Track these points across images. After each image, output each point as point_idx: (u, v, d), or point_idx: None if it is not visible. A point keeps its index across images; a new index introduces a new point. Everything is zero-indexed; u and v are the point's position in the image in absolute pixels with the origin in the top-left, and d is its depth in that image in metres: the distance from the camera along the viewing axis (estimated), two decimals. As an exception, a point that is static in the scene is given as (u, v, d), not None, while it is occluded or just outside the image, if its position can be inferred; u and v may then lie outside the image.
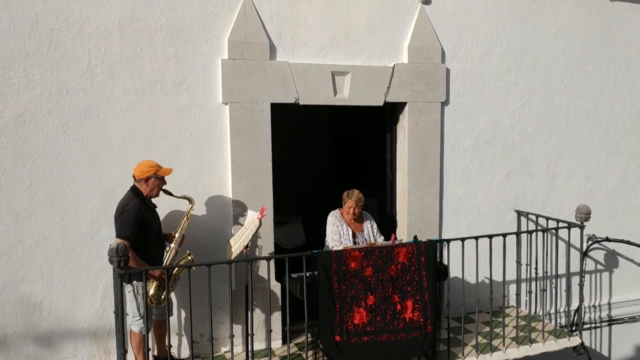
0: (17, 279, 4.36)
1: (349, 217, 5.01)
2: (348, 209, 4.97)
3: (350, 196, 4.97)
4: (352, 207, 4.95)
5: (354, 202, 4.94)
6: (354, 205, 4.94)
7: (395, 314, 4.25)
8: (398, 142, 5.55)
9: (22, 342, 4.39)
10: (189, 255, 4.38)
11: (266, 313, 4.83)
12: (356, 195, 4.96)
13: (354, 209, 4.95)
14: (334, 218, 5.03)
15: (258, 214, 4.37)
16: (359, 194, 4.99)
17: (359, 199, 4.96)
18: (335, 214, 5.06)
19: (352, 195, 4.97)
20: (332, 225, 4.99)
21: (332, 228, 4.98)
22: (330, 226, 4.99)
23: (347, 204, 4.98)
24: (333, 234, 4.95)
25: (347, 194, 5.02)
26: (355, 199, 4.94)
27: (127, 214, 4.08)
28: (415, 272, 4.31)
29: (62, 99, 4.35)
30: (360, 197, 4.96)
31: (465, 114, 5.66)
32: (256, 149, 4.84)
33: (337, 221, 5.00)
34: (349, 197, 4.99)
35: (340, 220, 5.01)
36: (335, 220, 5.01)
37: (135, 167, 4.29)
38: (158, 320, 4.42)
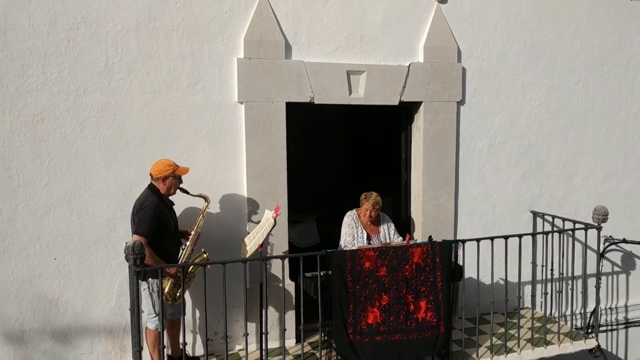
0: (34, 276, 4.41)
1: (365, 219, 4.98)
2: (365, 211, 4.94)
3: (368, 199, 4.94)
4: (368, 209, 4.91)
5: (371, 205, 4.90)
6: (371, 208, 4.91)
7: (409, 314, 4.25)
8: (413, 142, 5.53)
9: (39, 338, 4.45)
10: (204, 253, 4.39)
11: (280, 312, 4.85)
12: (374, 198, 4.92)
13: (370, 211, 4.91)
14: (350, 219, 5.00)
15: (273, 212, 4.39)
16: (377, 197, 4.94)
17: (376, 202, 4.91)
18: (352, 214, 5.03)
19: (370, 198, 4.93)
20: (348, 226, 4.97)
21: (347, 229, 4.96)
22: (346, 227, 4.98)
23: (364, 207, 4.95)
24: (347, 235, 4.93)
25: (365, 196, 4.98)
26: (372, 202, 4.90)
27: (145, 211, 4.12)
28: (429, 272, 4.30)
29: (80, 97, 4.39)
30: (377, 201, 4.92)
31: (481, 113, 5.62)
32: (271, 148, 4.85)
33: (352, 222, 4.97)
34: (366, 199, 4.95)
35: (356, 222, 4.98)
36: (351, 221, 4.98)
37: (152, 166, 4.32)
38: (172, 320, 4.44)
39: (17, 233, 4.33)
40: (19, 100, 4.26)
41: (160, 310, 3.82)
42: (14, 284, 4.36)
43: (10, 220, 4.31)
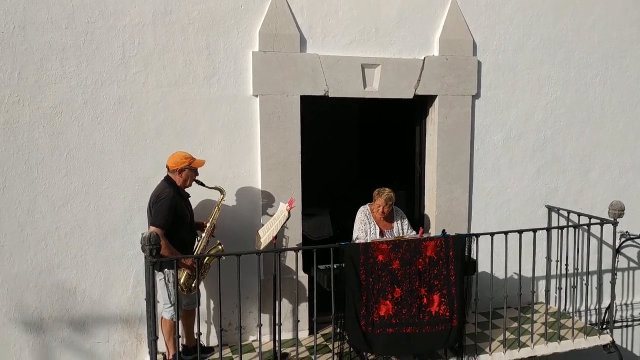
0: (53, 265, 4.50)
1: (378, 215, 4.96)
2: (378, 207, 4.92)
3: (381, 195, 4.90)
4: (382, 206, 4.88)
5: (384, 201, 4.87)
6: (384, 204, 4.88)
7: (422, 308, 4.26)
8: (428, 136, 5.52)
9: (57, 326, 4.54)
10: (220, 245, 4.44)
11: (294, 304, 4.88)
12: (387, 194, 4.88)
13: (383, 207, 4.88)
14: (363, 215, 4.98)
15: (287, 205, 4.41)
16: (390, 192, 4.90)
17: (389, 198, 4.88)
18: (365, 210, 5.01)
19: (383, 194, 4.89)
20: (360, 222, 4.96)
21: (360, 225, 4.95)
22: (359, 223, 4.97)
23: (377, 202, 4.92)
24: (360, 231, 4.92)
25: (378, 192, 4.94)
26: (385, 198, 4.87)
27: (162, 203, 4.17)
28: (443, 266, 4.31)
29: (97, 90, 4.45)
30: (391, 197, 4.88)
31: (497, 107, 5.59)
32: (286, 141, 4.88)
33: (365, 218, 4.96)
34: (379, 195, 4.92)
35: (369, 218, 4.96)
36: (364, 217, 4.96)
37: (169, 158, 4.36)
38: (187, 310, 4.49)
39: (36, 223, 4.42)
40: (39, 93, 4.33)
41: (176, 300, 3.88)
42: (33, 273, 4.45)
43: (29, 210, 4.40)
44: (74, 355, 4.59)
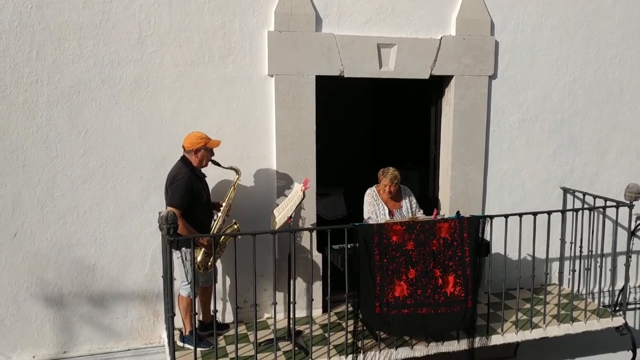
0: (72, 243, 4.58)
1: (385, 195, 4.99)
2: (384, 187, 4.95)
3: (385, 174, 4.94)
4: (387, 185, 4.92)
5: (389, 180, 4.90)
6: (389, 183, 4.91)
7: (437, 288, 4.29)
8: (443, 116, 5.50)
9: (77, 302, 4.65)
10: (235, 224, 4.49)
11: (308, 282, 4.95)
12: (391, 173, 4.91)
13: (389, 187, 4.92)
14: (370, 197, 5.01)
15: (302, 185, 4.43)
16: (395, 171, 4.94)
17: (394, 176, 4.91)
18: (372, 192, 5.04)
19: (387, 174, 4.93)
20: (369, 204, 4.99)
21: (368, 207, 4.98)
22: (367, 205, 5.00)
23: (382, 182, 4.95)
24: (369, 212, 4.96)
25: (382, 172, 4.97)
26: (390, 177, 4.90)
27: (178, 183, 4.21)
28: (457, 247, 4.32)
29: (114, 70, 4.48)
30: (395, 175, 4.92)
31: (514, 88, 5.55)
32: (300, 121, 4.88)
33: (373, 200, 4.99)
34: (384, 175, 4.95)
35: (376, 199, 4.99)
36: (371, 199, 5.00)
37: (185, 138, 4.39)
38: (203, 287, 4.57)
39: (55, 201, 4.49)
40: (56, 73, 4.37)
41: (193, 278, 3.95)
42: (53, 250, 4.54)
43: (49, 189, 4.47)
44: (93, 330, 4.70)
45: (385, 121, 8.77)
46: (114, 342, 4.76)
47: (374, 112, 9.23)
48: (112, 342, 4.76)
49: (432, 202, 5.58)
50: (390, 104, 8.50)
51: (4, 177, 4.36)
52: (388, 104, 8.59)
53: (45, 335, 4.61)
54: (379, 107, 9.00)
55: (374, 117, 9.24)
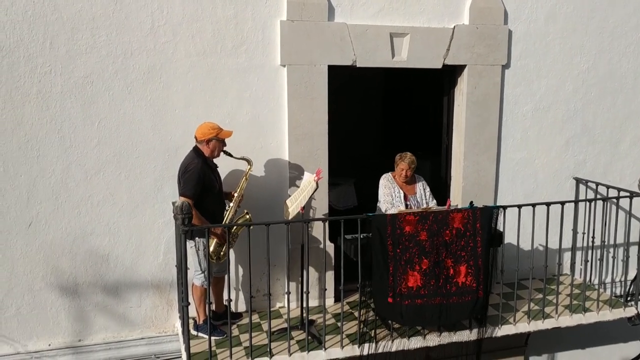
0: (86, 232, 4.63)
1: (400, 180, 5.06)
2: (400, 171, 5.01)
3: (403, 158, 5.01)
4: (404, 169, 4.99)
5: (407, 165, 4.98)
6: (407, 167, 4.98)
7: (449, 278, 4.32)
8: (455, 106, 5.49)
9: (91, 291, 4.71)
10: (247, 214, 4.53)
11: (320, 272, 4.98)
12: (409, 158, 4.99)
13: (406, 171, 4.99)
14: (386, 180, 5.08)
15: (314, 176, 4.44)
16: (412, 156, 5.01)
17: (411, 161, 4.99)
18: (387, 176, 5.12)
19: (405, 158, 5.00)
20: (385, 187, 5.05)
21: (385, 190, 5.04)
22: (383, 188, 5.06)
23: (400, 166, 5.02)
24: (386, 195, 5.01)
25: (400, 156, 5.05)
26: (408, 161, 4.98)
27: (190, 173, 4.23)
28: (470, 237, 4.34)
29: (127, 60, 4.50)
30: (412, 160, 4.99)
31: (527, 77, 5.52)
32: (313, 112, 4.89)
33: (389, 183, 5.06)
34: (401, 159, 5.02)
35: (392, 183, 5.06)
36: (387, 182, 5.07)
37: (197, 129, 4.40)
38: (216, 277, 4.59)
39: (70, 191, 4.54)
40: (70, 63, 4.39)
41: (207, 268, 3.98)
42: (68, 239, 4.59)
43: (63, 179, 4.51)
44: (107, 318, 4.76)
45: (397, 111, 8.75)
46: (128, 331, 4.82)
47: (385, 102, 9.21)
48: (127, 331, 4.82)
49: (444, 192, 5.58)
50: (403, 93, 8.47)
51: (18, 167, 4.41)
52: (400, 93, 8.57)
53: (60, 324, 4.67)
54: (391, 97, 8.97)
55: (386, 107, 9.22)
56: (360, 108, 8.86)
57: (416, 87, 7.76)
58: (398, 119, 8.69)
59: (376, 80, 8.83)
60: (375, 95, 9.13)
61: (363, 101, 8.90)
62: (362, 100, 8.87)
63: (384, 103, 9.22)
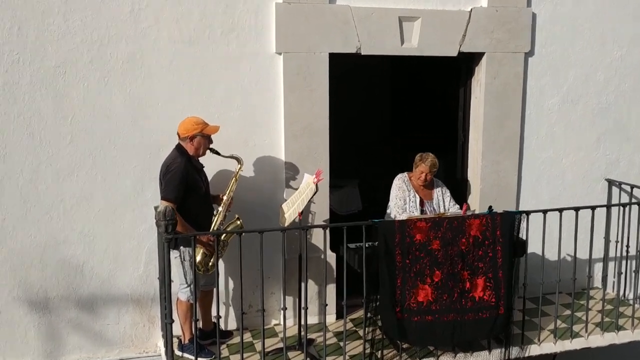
0: (58, 240, 4.63)
1: (418, 183, 5.05)
2: (420, 174, 5.00)
3: (424, 160, 4.99)
4: (424, 172, 4.97)
5: (428, 168, 4.96)
6: (427, 170, 4.97)
7: (464, 293, 4.31)
8: (473, 98, 5.50)
9: (64, 306, 4.70)
10: (238, 220, 4.51)
11: (320, 285, 4.97)
12: (431, 160, 4.97)
13: (426, 174, 4.98)
14: (400, 181, 5.06)
15: (314, 177, 4.45)
16: (434, 158, 4.99)
17: (433, 164, 4.97)
18: (403, 177, 5.10)
19: (426, 160, 4.98)
20: (398, 189, 5.03)
21: (398, 192, 5.02)
22: (396, 190, 5.04)
23: (419, 169, 5.00)
24: (398, 199, 5.00)
25: (421, 157, 5.03)
26: (429, 164, 4.96)
27: (172, 174, 4.23)
28: (488, 247, 4.33)
29: (104, 47, 4.50)
30: (435, 163, 4.98)
31: (553, 66, 5.52)
32: (312, 105, 4.89)
33: (404, 185, 5.04)
34: (422, 161, 5.00)
35: (407, 185, 5.05)
36: (402, 184, 5.05)
37: (179, 124, 4.40)
38: (204, 291, 4.58)
39: (39, 195, 4.54)
40: (40, 51, 4.39)
41: (193, 280, 3.97)
42: (37, 249, 4.59)
43: (32, 180, 4.51)
44: (81, 337, 4.75)
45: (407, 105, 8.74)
46: (105, 351, 4.82)
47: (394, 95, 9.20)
48: (103, 351, 4.82)
49: (460, 195, 5.57)
50: (413, 85, 8.47)
51: (-18, 167, 4.42)
52: (410, 85, 8.56)
53: (29, 343, 4.66)
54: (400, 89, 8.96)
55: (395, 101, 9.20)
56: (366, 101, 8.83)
57: (428, 78, 7.75)
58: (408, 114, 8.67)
59: (383, 69, 8.83)
60: (383, 86, 9.11)
61: (369, 93, 8.88)
62: (367, 93, 8.84)
63: (392, 96, 9.20)
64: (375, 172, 7.40)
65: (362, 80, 8.65)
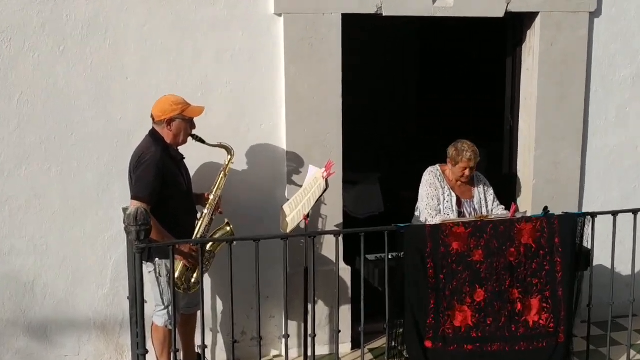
0: (2, 251, 4.63)
1: (455, 179, 5.03)
2: (460, 169, 4.96)
3: (461, 151, 4.93)
4: (464, 167, 4.93)
5: (467, 160, 4.90)
6: (467, 165, 4.92)
7: (514, 316, 4.29)
8: (523, 71, 5.49)
9: (10, 333, 4.70)
10: (228, 226, 4.50)
11: (331, 307, 4.96)
12: (471, 151, 4.91)
13: (465, 169, 4.94)
14: (432, 177, 5.04)
15: (323, 171, 4.42)
16: (473, 146, 4.94)
17: (474, 154, 4.91)
18: (435, 171, 5.08)
19: (466, 151, 4.92)
20: (430, 186, 5.01)
21: (430, 190, 5.00)
22: (427, 187, 5.02)
23: (461, 165, 4.95)
24: (430, 198, 4.98)
25: (456, 148, 4.97)
26: (469, 156, 4.90)
27: (145, 167, 4.22)
28: (544, 258, 4.32)
29: (59, 8, 4.49)
30: (476, 153, 4.92)
31: (625, 29, 5.51)
32: (321, 80, 4.89)
33: (437, 182, 5.02)
34: (458, 152, 4.95)
35: (441, 181, 5.03)
36: (434, 180, 5.03)
37: (154, 105, 4.38)
38: (186, 315, 4.59)
39: (-21, 194, 4.55)
40: (-23, 13, 4.40)
41: (172, 301, 3.95)
42: (-23, 261, 4.61)
43: (-31, 176, 4.54)
44: (33, 371, 4.77)
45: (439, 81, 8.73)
46: (62, 389, 4.84)
47: (423, 67, 9.21)
48: (60, 389, 4.84)
49: (507, 194, 5.56)
50: (447, 54, 8.46)
51: None
52: (443, 54, 8.55)
53: (-33, 379, 4.69)
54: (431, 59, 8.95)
55: (423, 74, 9.21)
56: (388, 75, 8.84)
57: (466, 45, 7.74)
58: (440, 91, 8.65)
59: (410, 36, 8.83)
60: (409, 56, 9.13)
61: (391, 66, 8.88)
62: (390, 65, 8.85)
63: (420, 68, 9.20)
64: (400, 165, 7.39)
65: (383, 50, 8.64)
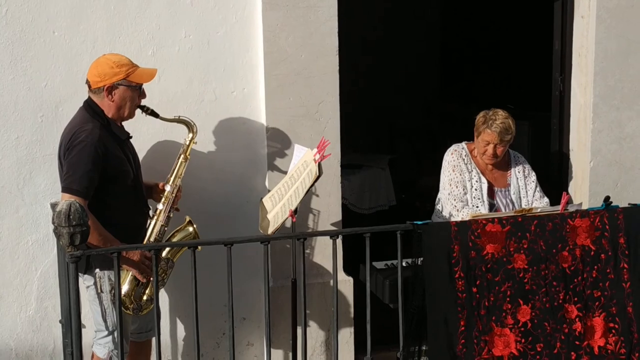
0: None
1: (485, 160, 5.04)
2: (485, 145, 4.99)
3: (490, 122, 4.97)
4: (491, 142, 4.97)
5: (497, 135, 4.95)
6: (496, 139, 4.96)
7: (573, 340, 4.27)
8: (576, 19, 5.53)
9: None
10: (190, 226, 4.51)
11: (327, 330, 4.99)
12: (501, 122, 4.95)
13: (495, 145, 4.96)
14: (456, 157, 5.09)
15: (315, 152, 4.42)
16: (507, 118, 4.98)
17: (504, 128, 4.95)
18: (460, 150, 5.13)
19: (494, 122, 4.96)
20: (454, 169, 5.05)
21: (453, 175, 5.04)
22: (450, 170, 5.06)
23: (483, 137, 5.00)
24: (454, 185, 5.01)
25: (485, 117, 5.02)
26: (499, 129, 4.94)
27: (80, 150, 4.18)
28: (607, 263, 4.30)
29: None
30: (508, 126, 4.96)
31: None
32: (310, 32, 4.91)
33: (462, 164, 5.07)
34: (486, 123, 4.99)
35: (468, 163, 5.08)
36: (459, 161, 5.07)
37: (90, 68, 4.36)
38: (136, 342, 4.60)
39: None
40: None
41: (118, 324, 3.90)
42: None
43: None
44: None
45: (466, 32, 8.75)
46: None
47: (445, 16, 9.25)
48: None
49: (556, 180, 5.62)
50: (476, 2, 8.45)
51: None
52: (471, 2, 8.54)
53: None
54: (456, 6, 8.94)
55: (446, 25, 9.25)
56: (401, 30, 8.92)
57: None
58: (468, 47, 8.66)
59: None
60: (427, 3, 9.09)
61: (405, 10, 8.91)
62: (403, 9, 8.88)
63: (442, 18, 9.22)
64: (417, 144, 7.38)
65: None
